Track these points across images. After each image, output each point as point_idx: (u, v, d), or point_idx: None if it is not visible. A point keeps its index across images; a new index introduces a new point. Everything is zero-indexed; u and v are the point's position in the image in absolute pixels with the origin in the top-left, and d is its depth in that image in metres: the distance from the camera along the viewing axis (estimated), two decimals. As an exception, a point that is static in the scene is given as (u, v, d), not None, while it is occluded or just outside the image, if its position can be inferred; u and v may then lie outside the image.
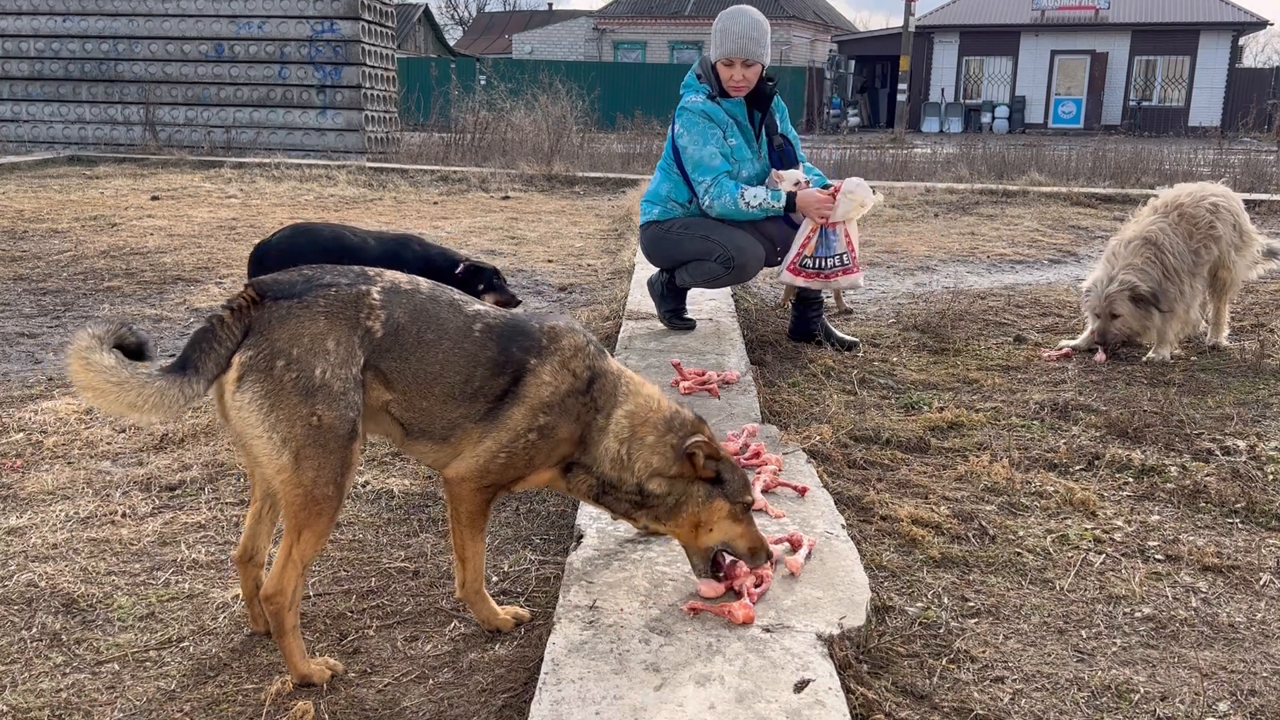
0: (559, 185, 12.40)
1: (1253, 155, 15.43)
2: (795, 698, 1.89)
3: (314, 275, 2.07)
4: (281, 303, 1.99)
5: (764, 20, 4.53)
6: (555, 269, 7.08)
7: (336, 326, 2.01)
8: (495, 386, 2.15)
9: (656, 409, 2.25)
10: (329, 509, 2.01)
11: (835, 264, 4.65)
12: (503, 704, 2.08)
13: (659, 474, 2.21)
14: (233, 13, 14.48)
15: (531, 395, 2.15)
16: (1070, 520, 3.01)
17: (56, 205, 9.32)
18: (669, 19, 41.79)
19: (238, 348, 1.96)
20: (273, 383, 1.94)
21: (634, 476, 2.21)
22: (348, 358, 2.01)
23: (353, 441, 2.01)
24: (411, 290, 2.14)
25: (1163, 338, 4.83)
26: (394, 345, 2.07)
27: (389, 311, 2.07)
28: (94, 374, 1.87)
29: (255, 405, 1.95)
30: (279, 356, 1.95)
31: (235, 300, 2.00)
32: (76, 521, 2.88)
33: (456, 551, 2.28)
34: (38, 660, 2.22)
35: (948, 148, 18.87)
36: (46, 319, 5.35)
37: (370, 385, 2.07)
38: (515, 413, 2.15)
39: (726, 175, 4.49)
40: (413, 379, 2.10)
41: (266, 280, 2.05)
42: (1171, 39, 33.80)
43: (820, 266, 4.66)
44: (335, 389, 1.98)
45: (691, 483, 2.22)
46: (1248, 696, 2.14)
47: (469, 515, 2.22)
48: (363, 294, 2.06)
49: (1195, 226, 4.83)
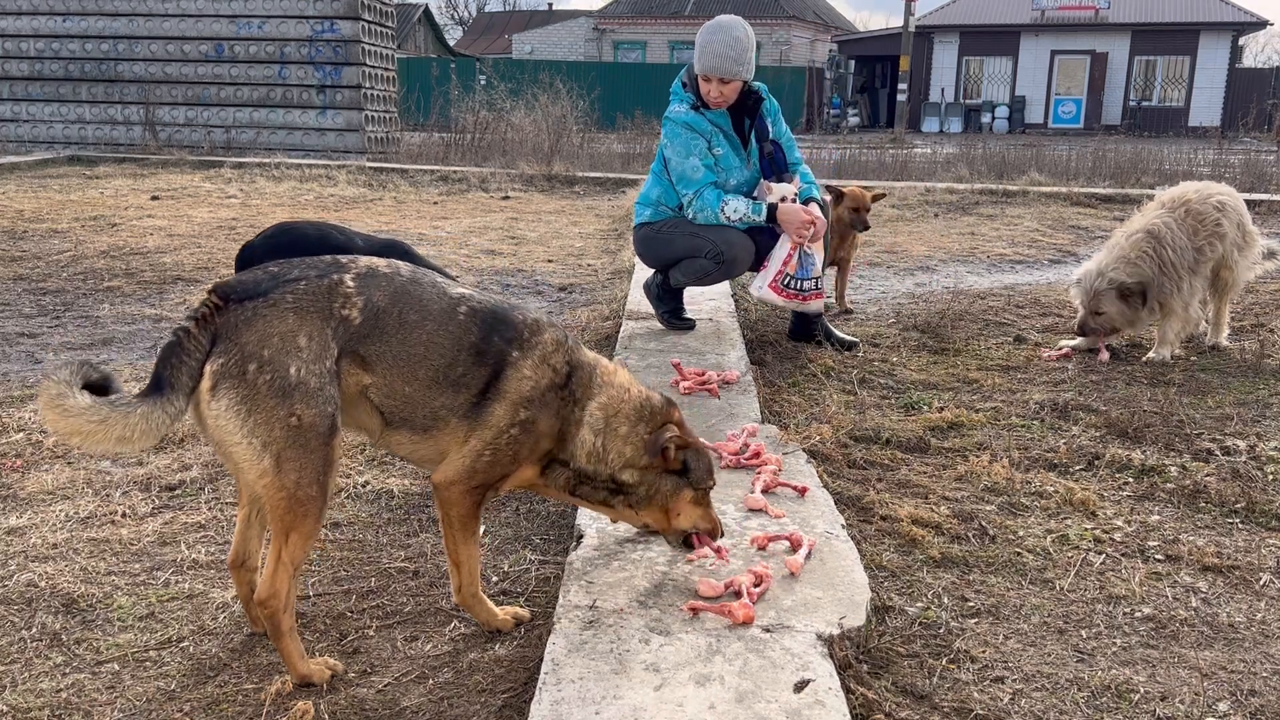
0: (559, 185, 12.41)
1: (1253, 155, 15.42)
2: (795, 698, 1.89)
3: (280, 271, 2.03)
4: (247, 304, 1.95)
5: (746, 36, 4.43)
6: (555, 269, 7.08)
7: (307, 321, 1.97)
8: (478, 377, 2.13)
9: (627, 398, 2.28)
10: (314, 509, 2.00)
11: (812, 287, 4.57)
12: (503, 704, 2.08)
13: (631, 465, 2.25)
14: (233, 13, 14.48)
15: (513, 390, 2.15)
16: (1070, 520, 3.01)
17: (56, 205, 9.32)
18: (669, 19, 41.79)
19: (208, 356, 1.92)
20: (247, 388, 1.91)
21: (608, 468, 2.25)
22: (321, 352, 1.97)
23: (333, 437, 1.99)
24: (391, 274, 2.12)
25: (1163, 337, 4.82)
26: (374, 330, 2.04)
27: (366, 296, 2.05)
28: (74, 419, 1.83)
29: (232, 412, 1.91)
30: (250, 360, 1.92)
31: (199, 309, 1.96)
32: (76, 521, 2.88)
33: (450, 557, 2.27)
34: (38, 660, 2.22)
35: (948, 148, 18.87)
36: (46, 319, 5.35)
37: (349, 371, 2.04)
38: (497, 409, 2.14)
39: (710, 186, 4.50)
40: (394, 361, 2.07)
41: (230, 282, 2.01)
42: (1171, 39, 33.81)
43: (800, 288, 4.57)
44: (312, 385, 1.95)
45: (661, 475, 2.28)
46: (1248, 696, 2.14)
47: (460, 519, 2.21)
48: (335, 283, 2.03)
49: (1201, 223, 4.82)
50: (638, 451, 2.24)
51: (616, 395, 2.27)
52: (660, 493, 2.29)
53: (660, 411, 2.29)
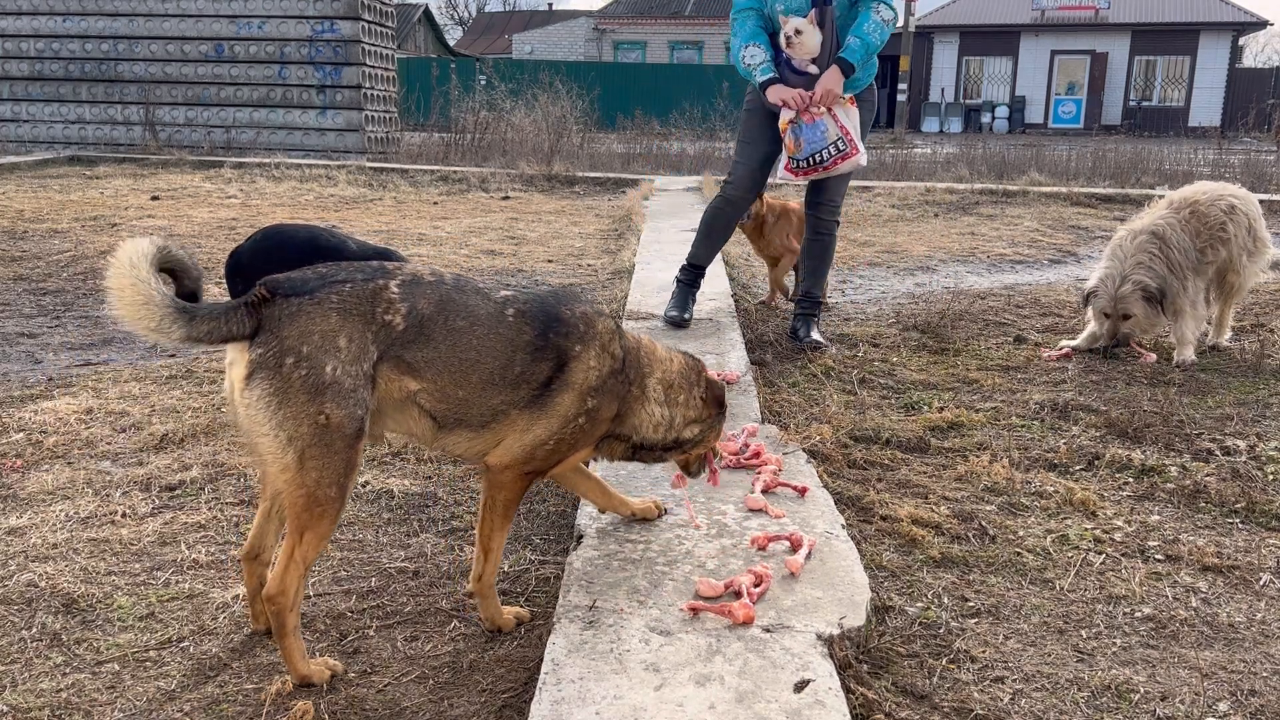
0: (559, 185, 12.40)
1: (1253, 155, 15.42)
2: (795, 698, 1.89)
3: (329, 272, 2.07)
4: (293, 300, 1.99)
5: None
6: (555, 269, 7.08)
7: (349, 323, 2.00)
8: (539, 372, 2.18)
9: (672, 367, 2.46)
10: (331, 510, 2.01)
11: (831, 153, 4.49)
12: (503, 704, 2.08)
13: (694, 422, 2.47)
14: (233, 13, 14.48)
15: (579, 380, 2.22)
16: (1070, 520, 3.01)
17: (56, 205, 9.32)
18: (669, 19, 41.78)
19: (250, 341, 1.96)
20: (281, 380, 1.94)
21: (674, 432, 2.45)
22: (360, 354, 2.00)
23: (358, 441, 2.01)
24: (435, 281, 2.14)
25: (1182, 339, 4.79)
26: (419, 336, 2.07)
27: (410, 304, 2.07)
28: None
29: (263, 403, 1.94)
30: (288, 354, 1.95)
31: (248, 296, 1.99)
32: (76, 521, 2.88)
33: (481, 542, 2.29)
34: (38, 660, 2.22)
35: (948, 148, 18.87)
36: (46, 319, 5.34)
37: (391, 378, 2.06)
38: (565, 398, 2.21)
39: (747, 12, 4.57)
40: (445, 367, 2.10)
41: (280, 278, 2.05)
42: (1171, 39, 33.80)
43: (816, 160, 4.52)
44: (345, 386, 1.97)
45: (714, 417, 2.52)
46: (1248, 696, 2.14)
47: (505, 503, 2.27)
48: (380, 288, 2.05)
49: (1205, 225, 4.81)
50: (698, 411, 2.47)
51: (665, 368, 2.44)
52: (714, 432, 2.54)
53: (695, 368, 2.51)
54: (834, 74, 4.44)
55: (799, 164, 4.57)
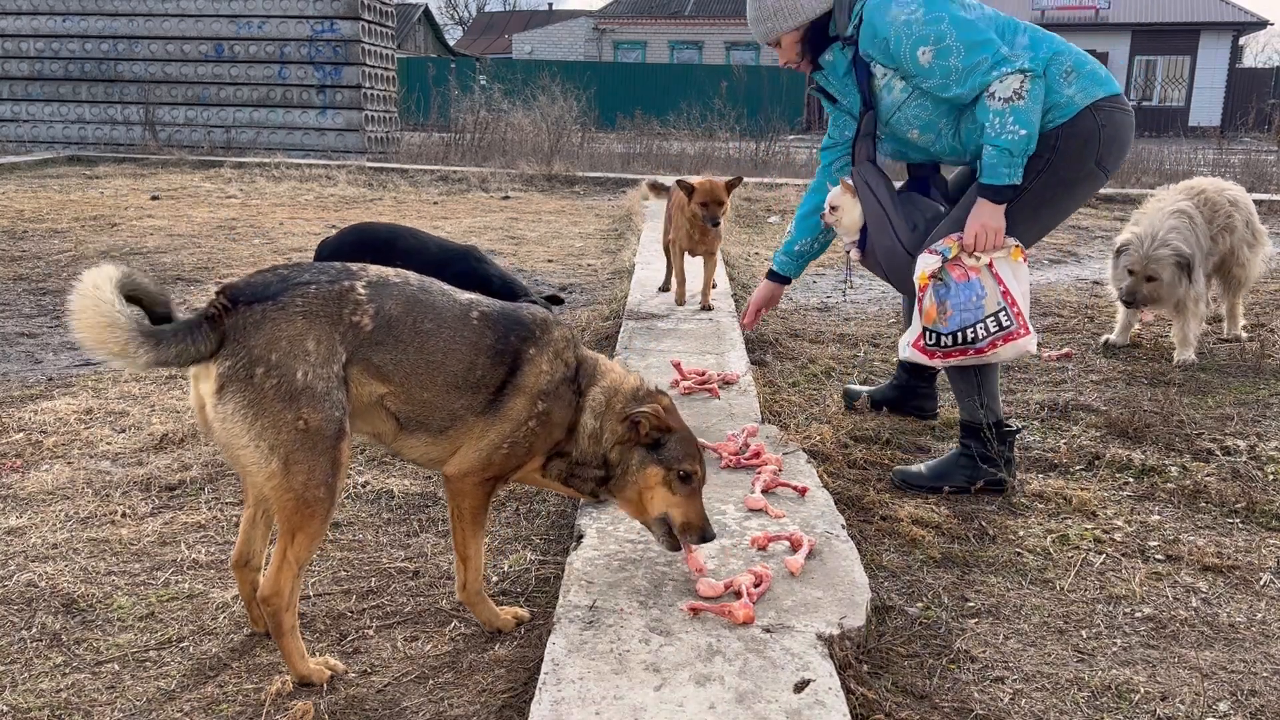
0: (559, 185, 12.40)
1: (1253, 155, 15.41)
2: (795, 698, 1.89)
3: (290, 274, 2.03)
4: (255, 307, 1.95)
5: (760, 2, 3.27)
6: (555, 269, 7.08)
7: (316, 325, 1.97)
8: (496, 376, 2.17)
9: (625, 384, 2.33)
10: (321, 510, 2.01)
11: (990, 329, 3.00)
12: (503, 704, 2.07)
13: (620, 441, 2.27)
14: (233, 13, 14.48)
15: (531, 384, 2.20)
16: (1070, 520, 3.01)
17: (56, 205, 9.32)
18: (669, 19, 41.78)
19: (214, 356, 1.92)
20: (254, 391, 1.91)
21: (601, 447, 2.28)
22: (329, 356, 1.98)
23: (340, 440, 1.99)
24: (401, 283, 2.13)
25: (1184, 339, 4.79)
26: (388, 337, 2.06)
27: (378, 304, 2.05)
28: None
29: (239, 416, 1.91)
30: (258, 364, 1.91)
31: (207, 309, 1.95)
32: (76, 521, 2.88)
33: (458, 551, 2.28)
34: (38, 660, 2.22)
35: (948, 148, 18.82)
36: (46, 319, 5.34)
37: (361, 380, 2.05)
38: (517, 402, 2.19)
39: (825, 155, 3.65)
40: (412, 369, 2.09)
41: (238, 284, 2.01)
42: (1171, 39, 33.79)
43: (966, 339, 3.02)
44: (319, 390, 1.95)
45: (633, 448, 2.26)
46: (1248, 696, 2.14)
47: (472, 511, 2.24)
48: (346, 290, 2.03)
49: (1215, 213, 4.83)
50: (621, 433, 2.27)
51: (615, 380, 2.33)
52: (632, 468, 2.26)
53: (651, 395, 2.33)
54: (985, 208, 2.98)
55: (940, 340, 3.07)
